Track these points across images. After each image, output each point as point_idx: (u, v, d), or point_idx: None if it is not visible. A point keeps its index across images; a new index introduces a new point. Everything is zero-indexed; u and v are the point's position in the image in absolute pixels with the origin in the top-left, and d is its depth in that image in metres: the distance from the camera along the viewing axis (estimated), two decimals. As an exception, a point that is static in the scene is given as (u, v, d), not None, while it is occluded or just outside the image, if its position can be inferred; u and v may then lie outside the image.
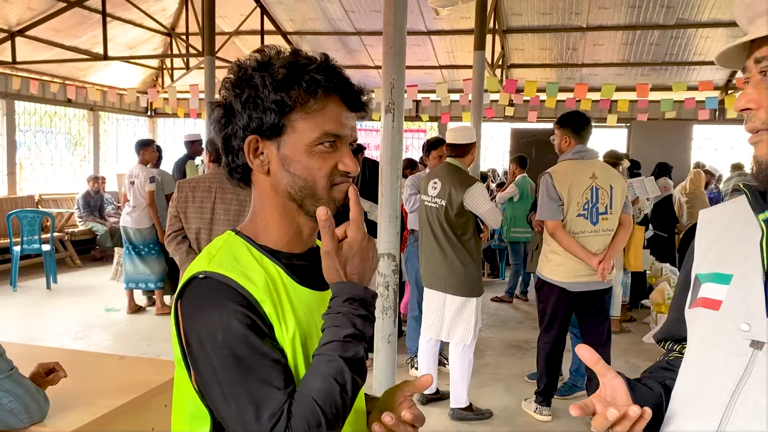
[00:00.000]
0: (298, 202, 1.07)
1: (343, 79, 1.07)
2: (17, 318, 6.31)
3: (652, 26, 8.74)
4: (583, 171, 3.68)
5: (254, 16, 9.48)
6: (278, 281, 1.03)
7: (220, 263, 1.00)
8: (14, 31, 8.45)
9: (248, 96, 1.03)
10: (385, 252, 3.12)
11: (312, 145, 1.04)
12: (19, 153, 10.00)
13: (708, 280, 1.02)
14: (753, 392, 0.89)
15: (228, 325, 0.94)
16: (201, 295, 0.98)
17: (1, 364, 1.68)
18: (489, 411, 4.12)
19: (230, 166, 1.10)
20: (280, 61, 1.03)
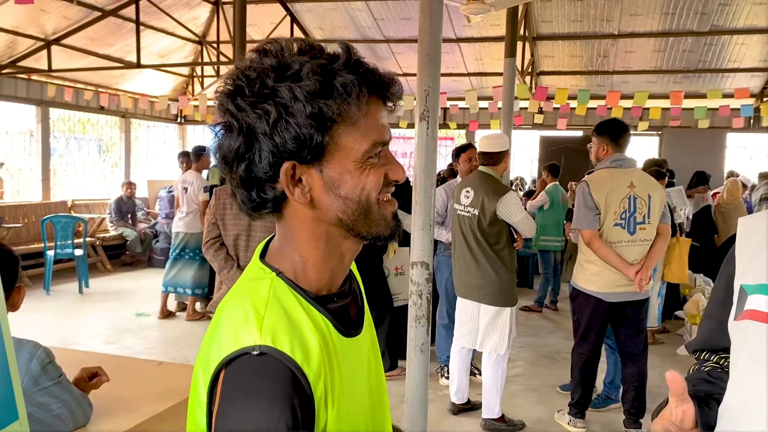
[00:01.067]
0: (349, 227, 0.91)
1: (373, 72, 0.88)
2: (50, 321, 6.41)
3: (686, 33, 8.62)
4: (620, 180, 3.61)
5: (284, 24, 9.56)
6: (327, 338, 0.89)
7: (274, 331, 0.83)
8: (50, 40, 8.64)
9: (278, 115, 0.83)
10: (418, 260, 3.10)
11: (363, 159, 0.88)
12: (53, 159, 10.19)
13: (755, 292, 0.98)
14: None
15: (274, 427, 0.78)
16: (253, 379, 0.81)
17: (51, 371, 1.71)
18: (521, 422, 4.07)
19: (253, 204, 0.90)
20: (306, 66, 0.83)
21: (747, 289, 1.00)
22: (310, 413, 0.82)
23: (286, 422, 0.78)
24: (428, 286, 3.12)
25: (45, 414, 1.70)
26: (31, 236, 8.70)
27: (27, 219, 8.84)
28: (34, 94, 9.36)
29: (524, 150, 13.04)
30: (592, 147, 3.80)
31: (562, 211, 7.00)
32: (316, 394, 0.83)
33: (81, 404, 1.78)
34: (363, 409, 0.96)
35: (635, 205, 3.59)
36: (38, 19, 8.13)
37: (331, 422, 0.86)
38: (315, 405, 0.83)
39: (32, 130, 9.67)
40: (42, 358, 1.69)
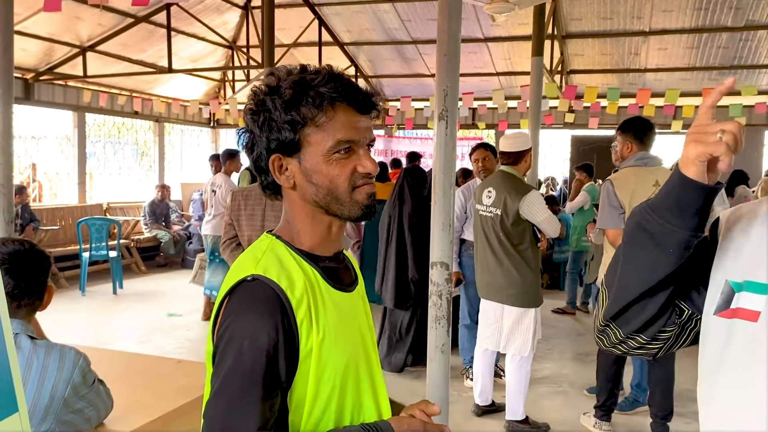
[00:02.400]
0: (325, 208, 1.14)
1: (347, 85, 1.12)
2: (85, 321, 6.57)
3: (720, 29, 8.42)
4: (646, 178, 3.50)
5: (312, 27, 9.64)
6: (315, 284, 1.12)
7: (266, 266, 1.09)
8: (86, 47, 8.86)
9: (264, 120, 1.11)
10: (438, 261, 3.10)
11: (328, 154, 1.11)
12: (89, 163, 10.45)
13: (743, 289, 0.95)
14: None
15: (257, 336, 1.02)
16: (246, 297, 1.07)
17: (88, 378, 1.75)
18: (546, 425, 4.02)
19: (263, 185, 1.20)
20: (287, 82, 1.10)
21: (734, 286, 0.97)
22: (291, 332, 1.05)
23: (269, 332, 1.02)
24: (448, 287, 3.12)
25: (79, 419, 1.75)
26: (68, 238, 8.92)
27: (64, 221, 9.07)
28: (70, 100, 9.61)
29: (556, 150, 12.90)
30: (617, 146, 3.73)
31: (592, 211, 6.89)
32: (298, 316, 1.06)
33: (106, 403, 1.83)
34: (355, 355, 1.16)
35: None
36: (73, 26, 8.35)
37: (316, 347, 1.07)
38: (297, 326, 1.05)
39: (69, 135, 9.93)
40: (83, 368, 1.73)
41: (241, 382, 1.01)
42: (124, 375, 2.26)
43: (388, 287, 5.07)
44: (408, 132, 12.67)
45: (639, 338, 1.07)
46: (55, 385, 1.66)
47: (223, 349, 1.04)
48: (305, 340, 1.06)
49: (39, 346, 1.70)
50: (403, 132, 12.58)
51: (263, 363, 1.01)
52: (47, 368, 1.66)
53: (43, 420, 1.65)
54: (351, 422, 1.13)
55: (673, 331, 1.07)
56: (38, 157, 9.94)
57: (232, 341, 1.03)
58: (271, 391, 1.02)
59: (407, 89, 11.20)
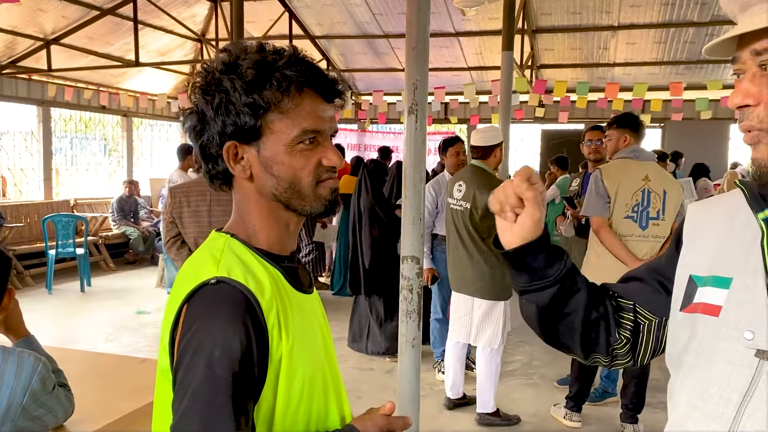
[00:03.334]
0: (285, 203, 1.05)
1: (314, 70, 1.03)
2: (52, 320, 6.44)
3: (687, 24, 8.55)
4: (635, 171, 3.55)
5: (282, 21, 9.54)
6: (279, 285, 1.02)
7: (230, 267, 0.97)
8: (49, 39, 8.66)
9: (219, 101, 0.99)
10: (408, 255, 3.09)
11: (292, 144, 1.01)
12: (56, 159, 10.22)
13: (706, 284, 0.95)
14: (761, 405, 0.82)
15: (229, 344, 0.90)
16: (211, 302, 0.94)
17: (48, 384, 1.70)
18: (517, 417, 4.05)
19: (210, 173, 1.07)
20: (248, 61, 0.99)
21: (697, 281, 0.97)
22: (263, 337, 0.94)
23: (240, 339, 0.90)
24: (419, 281, 3.11)
25: (37, 425, 1.70)
26: (34, 235, 8.73)
27: (29, 218, 8.87)
28: (34, 94, 9.39)
29: (526, 144, 12.98)
30: (610, 140, 3.74)
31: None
32: (269, 321, 0.95)
33: (66, 409, 1.78)
34: (319, 361, 1.08)
35: (649, 199, 3.51)
36: (36, 18, 8.15)
37: (285, 356, 0.97)
38: (268, 331, 0.95)
39: (33, 130, 9.70)
40: (43, 375, 1.66)
41: (216, 397, 0.87)
42: (87, 375, 2.21)
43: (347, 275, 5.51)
44: (381, 126, 12.66)
45: (600, 359, 1.13)
46: (12, 392, 1.60)
47: (190, 362, 0.89)
48: (275, 347, 0.96)
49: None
50: (376, 126, 12.56)
51: (238, 373, 0.89)
52: (4, 376, 1.61)
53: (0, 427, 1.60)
54: (318, 430, 1.06)
55: (627, 345, 1.10)
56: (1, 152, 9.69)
57: (200, 352, 0.89)
58: (246, 403, 0.91)
59: (380, 83, 11.17)
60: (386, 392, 4.39)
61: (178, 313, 0.95)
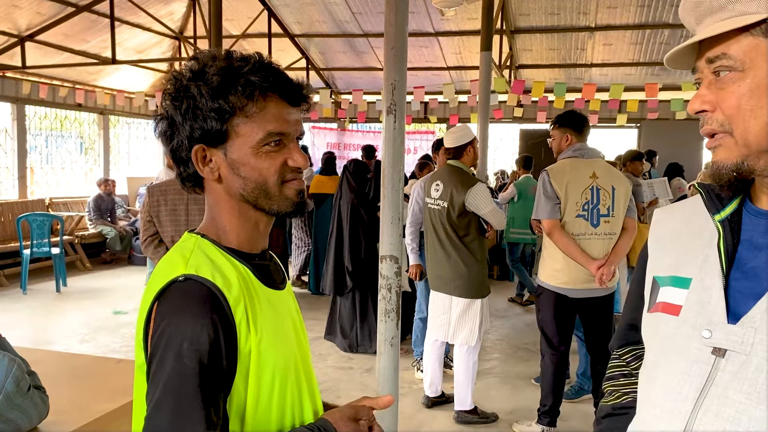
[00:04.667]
0: (253, 203, 1.09)
1: (279, 75, 1.07)
2: (26, 321, 6.35)
3: (662, 25, 8.66)
4: (582, 169, 3.55)
5: (261, 18, 9.49)
6: (248, 281, 1.06)
7: (198, 265, 1.02)
8: (24, 36, 8.53)
9: (187, 107, 1.04)
10: (387, 254, 3.10)
11: (257, 146, 1.05)
12: (31, 157, 10.07)
13: (666, 284, 0.98)
14: (716, 401, 0.85)
15: (197, 337, 0.94)
16: (180, 299, 0.98)
17: (23, 386, 1.67)
18: (494, 414, 4.09)
19: (182, 176, 1.11)
20: (214, 68, 1.03)
21: (659, 281, 1.01)
22: (231, 330, 0.98)
23: (209, 333, 0.95)
24: (397, 280, 3.12)
25: (10, 427, 1.68)
26: (8, 235, 8.59)
27: (3, 217, 8.73)
28: (8, 92, 9.23)
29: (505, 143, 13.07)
30: (554, 141, 3.77)
31: (532, 203, 6.94)
32: (236, 315, 0.99)
33: (40, 411, 1.76)
34: (292, 354, 1.11)
35: (598, 197, 3.51)
36: (10, 14, 8.02)
37: (254, 349, 1.01)
38: (236, 325, 0.99)
39: (8, 128, 9.54)
40: (17, 376, 1.65)
41: (185, 388, 0.92)
42: (63, 376, 2.19)
43: (328, 276, 5.48)
44: (361, 125, 12.65)
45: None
46: None
47: (161, 356, 0.94)
48: (244, 341, 1.00)
49: None
50: (356, 125, 12.55)
51: (206, 364, 0.94)
52: None
53: None
54: (293, 425, 1.09)
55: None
56: (-25, 150, 9.52)
57: (169, 346, 0.94)
58: (216, 395, 0.95)
59: (359, 82, 11.17)
60: (365, 391, 4.40)
61: (150, 310, 1.00)
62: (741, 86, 0.83)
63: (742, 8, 0.82)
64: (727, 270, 0.90)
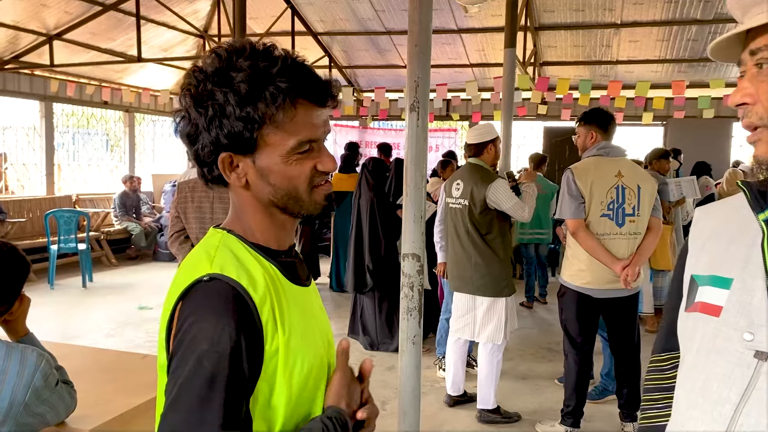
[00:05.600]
0: (282, 208, 1.07)
1: (307, 75, 1.02)
2: (54, 316, 6.45)
3: (690, 21, 8.53)
4: (607, 168, 3.49)
5: (285, 17, 9.53)
6: (275, 279, 1.04)
7: (223, 264, 0.99)
8: (52, 35, 8.66)
9: (213, 114, 0.99)
10: (409, 252, 3.09)
11: (288, 155, 1.02)
12: (58, 154, 10.23)
13: (706, 283, 0.96)
14: (757, 406, 0.84)
15: (218, 339, 0.92)
16: (204, 299, 0.96)
17: (50, 380, 1.70)
18: (517, 414, 4.06)
19: (206, 178, 1.07)
20: (242, 73, 0.98)
21: (698, 280, 0.98)
22: (256, 331, 0.96)
23: (230, 333, 0.93)
24: (419, 278, 3.11)
25: (39, 422, 1.70)
26: (36, 231, 8.75)
27: (31, 214, 8.89)
28: (37, 89, 9.39)
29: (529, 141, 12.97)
30: (578, 137, 3.72)
31: (541, 203, 6.64)
32: (263, 315, 0.97)
33: (68, 406, 1.78)
34: (319, 354, 1.09)
35: (624, 196, 3.45)
36: (39, 14, 8.15)
37: (282, 348, 0.99)
38: (262, 325, 0.97)
39: (36, 126, 9.71)
40: (45, 371, 1.67)
41: (202, 389, 0.90)
42: (89, 371, 2.22)
43: (349, 274, 5.51)
44: (382, 123, 12.64)
45: None
46: (15, 389, 1.61)
47: (181, 356, 0.93)
48: (270, 341, 0.98)
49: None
50: (378, 123, 12.55)
51: (226, 367, 0.91)
52: (7, 372, 1.61)
53: (3, 424, 1.61)
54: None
55: None
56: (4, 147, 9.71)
57: (191, 347, 0.92)
58: (234, 397, 0.93)
59: (381, 80, 11.16)
60: (387, 389, 4.40)
61: (173, 310, 0.98)
62: None
63: None
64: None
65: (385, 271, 5.33)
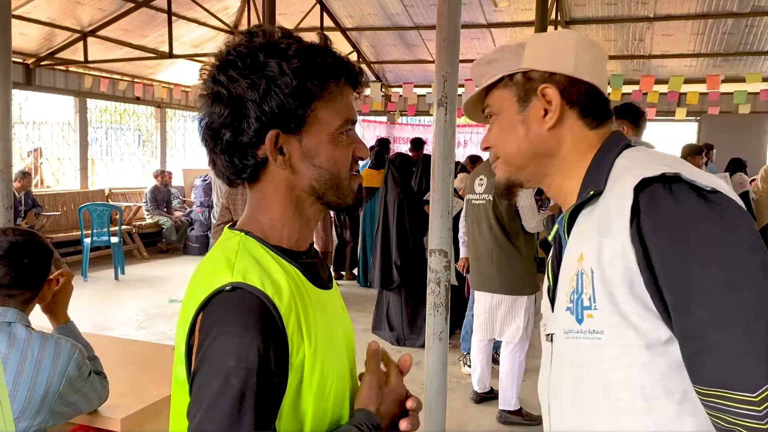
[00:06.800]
0: (320, 195, 1.01)
1: (345, 60, 1.01)
2: (87, 307, 6.58)
3: (726, 14, 8.33)
4: None
5: (314, 12, 9.56)
6: (299, 284, 0.98)
7: (245, 271, 0.92)
8: (86, 32, 8.82)
9: (267, 86, 0.92)
10: (436, 248, 3.08)
11: (336, 134, 0.99)
12: (92, 149, 10.43)
13: None
14: (545, 376, 1.10)
15: (245, 354, 0.86)
16: (227, 311, 0.89)
17: (84, 370, 1.74)
18: (541, 417, 3.98)
19: (236, 167, 0.99)
20: (292, 45, 0.95)
21: None
22: (282, 343, 0.90)
23: (258, 347, 0.86)
24: (446, 274, 3.11)
25: (72, 410, 1.75)
26: (70, 224, 8.94)
27: (66, 207, 9.08)
28: (71, 85, 9.59)
29: (558, 137, 12.83)
30: None
31: None
32: (288, 327, 0.91)
33: (100, 395, 1.82)
34: (343, 360, 1.05)
35: None
36: (74, 11, 8.31)
37: (309, 359, 0.93)
38: (288, 337, 0.91)
39: (70, 121, 9.91)
40: (79, 361, 1.71)
41: (231, 410, 0.84)
42: (120, 362, 2.26)
43: (376, 270, 5.49)
44: (411, 118, 12.62)
45: None
46: (50, 378, 1.65)
47: (206, 373, 0.86)
48: (295, 352, 0.91)
49: (34, 337, 1.69)
50: (406, 119, 12.53)
51: (254, 384, 0.85)
52: (42, 361, 1.65)
53: (38, 413, 1.65)
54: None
55: None
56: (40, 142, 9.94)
57: (216, 363, 0.86)
58: (265, 416, 0.87)
59: (410, 75, 11.13)
60: (413, 384, 4.37)
61: (193, 321, 0.91)
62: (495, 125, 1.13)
63: (490, 73, 1.12)
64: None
65: (412, 267, 5.33)
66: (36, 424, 1.65)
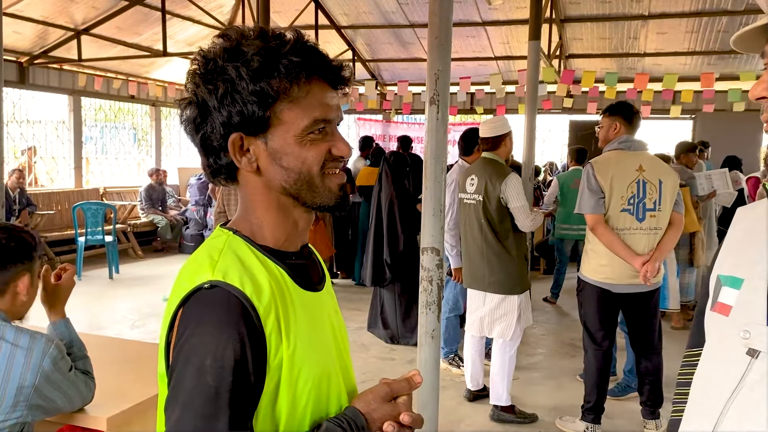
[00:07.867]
0: (294, 196, 1.00)
1: (321, 56, 0.98)
2: (81, 306, 6.56)
3: (720, 12, 8.34)
4: (628, 162, 3.42)
5: (309, 11, 9.54)
6: (282, 285, 0.97)
7: (226, 270, 0.93)
8: (80, 30, 8.79)
9: (225, 91, 0.93)
10: (428, 246, 3.08)
11: (302, 134, 0.97)
12: (86, 147, 10.40)
13: (725, 284, 0.96)
14: (744, 400, 0.85)
15: (221, 353, 0.87)
16: (204, 309, 0.90)
17: (61, 365, 1.72)
18: (534, 415, 3.97)
19: (213, 168, 1.01)
20: (252, 48, 0.94)
21: (722, 280, 0.98)
22: (260, 343, 0.90)
23: (234, 347, 0.87)
24: (439, 272, 3.10)
25: (50, 405, 1.73)
26: (64, 223, 8.91)
27: (60, 206, 9.06)
28: (65, 84, 9.55)
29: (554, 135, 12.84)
30: (601, 129, 3.66)
31: (575, 197, 6.59)
32: (267, 327, 0.91)
33: (82, 395, 1.80)
34: (329, 362, 1.03)
35: (644, 190, 3.39)
36: (67, 9, 8.28)
37: (287, 360, 0.93)
38: (266, 337, 0.91)
39: (65, 119, 9.88)
40: (54, 356, 1.69)
41: (206, 408, 0.85)
42: (112, 361, 2.25)
43: (367, 268, 5.49)
44: (406, 117, 12.62)
45: None
46: (23, 373, 1.64)
47: (181, 370, 0.87)
48: (273, 353, 0.91)
49: (8, 330, 1.68)
50: (401, 117, 12.53)
51: (229, 382, 0.86)
52: (15, 355, 1.64)
53: (14, 407, 1.64)
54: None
55: None
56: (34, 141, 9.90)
57: (191, 360, 0.87)
58: (241, 413, 0.87)
59: (405, 74, 11.13)
60: (407, 383, 4.40)
61: (173, 317, 0.93)
62: None
63: None
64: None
65: (405, 265, 5.33)
66: (14, 418, 1.64)
